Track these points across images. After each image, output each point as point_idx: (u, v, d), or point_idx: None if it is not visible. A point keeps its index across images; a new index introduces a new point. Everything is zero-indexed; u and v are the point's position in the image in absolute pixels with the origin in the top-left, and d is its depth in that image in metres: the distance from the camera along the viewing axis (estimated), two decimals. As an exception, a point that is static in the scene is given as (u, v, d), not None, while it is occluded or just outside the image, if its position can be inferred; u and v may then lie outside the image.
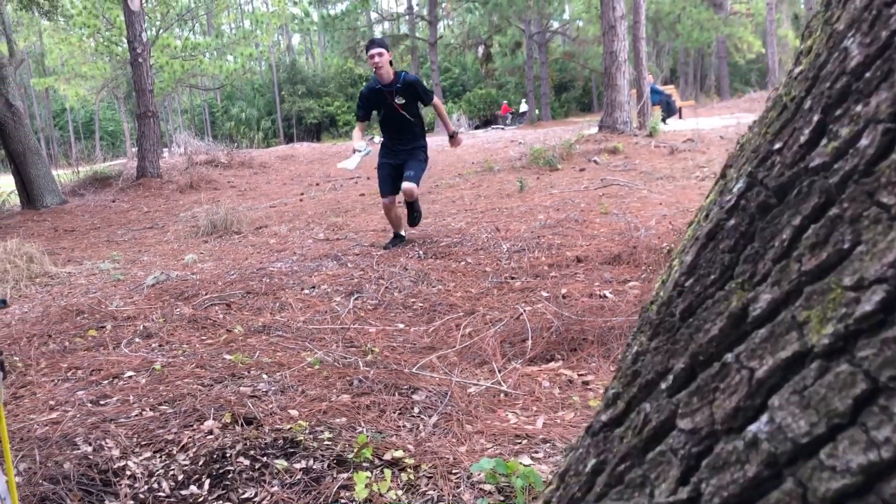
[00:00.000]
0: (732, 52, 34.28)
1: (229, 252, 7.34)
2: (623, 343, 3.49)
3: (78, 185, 15.71)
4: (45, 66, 39.85)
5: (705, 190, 7.71)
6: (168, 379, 3.40)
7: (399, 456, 2.39)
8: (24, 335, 4.55)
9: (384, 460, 2.38)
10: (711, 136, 12.61)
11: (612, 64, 13.14)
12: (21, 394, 3.45)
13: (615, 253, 5.15)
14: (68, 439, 2.62)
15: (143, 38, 14.26)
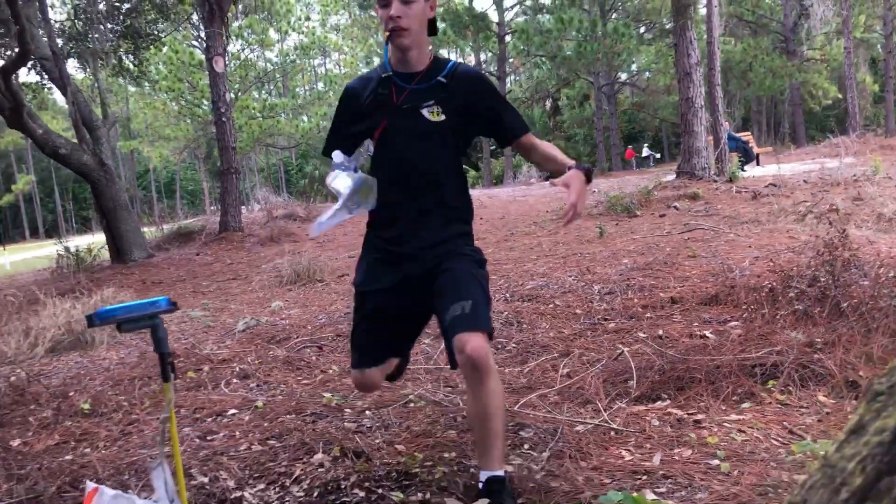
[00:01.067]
0: (807, 99, 33.66)
1: (314, 299, 7.41)
2: (733, 383, 3.37)
3: (163, 240, 16.24)
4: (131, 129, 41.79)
5: (795, 233, 7.51)
6: (270, 416, 3.41)
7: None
8: (126, 377, 4.65)
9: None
10: (794, 181, 12.30)
11: (689, 110, 13.02)
12: (129, 431, 3.51)
13: (712, 293, 5.01)
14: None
15: (227, 98, 14.81)
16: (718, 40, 13.96)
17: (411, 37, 2.39)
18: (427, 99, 2.44)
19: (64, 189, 55.91)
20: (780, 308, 4.15)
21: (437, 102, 2.43)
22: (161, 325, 1.17)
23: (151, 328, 1.17)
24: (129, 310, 1.14)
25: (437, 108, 2.43)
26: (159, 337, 1.19)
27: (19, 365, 5.49)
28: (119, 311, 1.13)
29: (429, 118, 2.42)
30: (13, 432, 3.77)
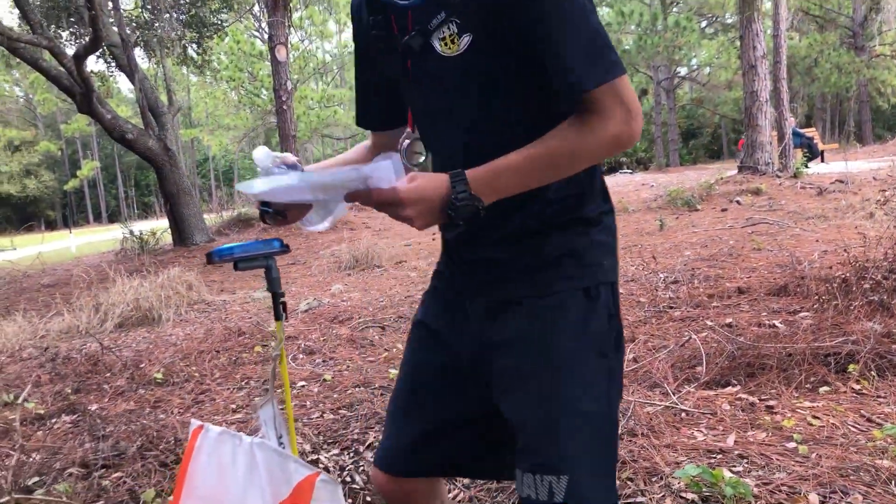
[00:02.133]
0: (875, 97, 32.67)
1: (373, 283, 7.49)
2: (805, 371, 3.31)
3: (222, 225, 16.54)
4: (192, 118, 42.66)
5: (864, 229, 7.31)
6: (339, 388, 3.47)
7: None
8: (194, 351, 4.77)
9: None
10: (862, 178, 11.97)
11: (753, 104, 12.75)
12: (202, 399, 3.61)
13: (780, 284, 4.91)
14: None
15: (288, 86, 15.00)
16: (785, 34, 13.64)
17: None
18: (433, 15, 1.23)
19: (126, 175, 57.44)
20: (853, 299, 4.05)
21: (448, 16, 1.22)
22: (274, 266, 1.20)
23: (266, 268, 1.20)
24: (246, 248, 1.17)
25: (450, 27, 1.22)
26: (273, 277, 1.22)
27: (92, 337, 5.67)
28: (237, 250, 1.17)
29: (441, 52, 1.25)
30: (90, 398, 3.91)
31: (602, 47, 1.15)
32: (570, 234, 1.28)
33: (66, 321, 6.46)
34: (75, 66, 11.69)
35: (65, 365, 4.69)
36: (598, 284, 1.28)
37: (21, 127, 53.28)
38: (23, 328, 6.34)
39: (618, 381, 1.31)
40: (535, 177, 1.19)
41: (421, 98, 1.36)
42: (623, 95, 1.15)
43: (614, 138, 1.16)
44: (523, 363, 1.27)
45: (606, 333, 1.28)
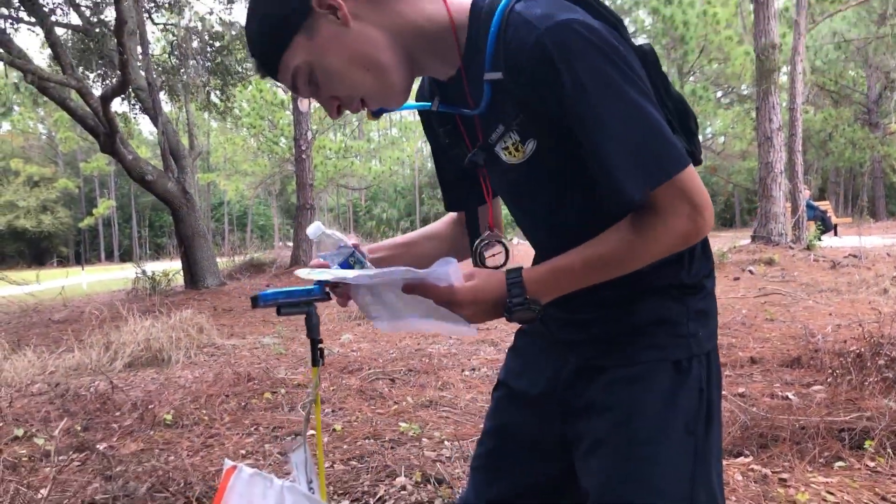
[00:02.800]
0: (889, 173, 32.83)
1: (383, 335, 7.48)
2: (819, 445, 3.28)
3: (234, 269, 16.64)
4: (210, 162, 43.22)
5: (878, 305, 7.29)
6: (349, 439, 3.46)
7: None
8: (204, 394, 4.77)
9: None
10: (876, 253, 11.97)
11: (768, 175, 12.85)
12: (211, 443, 3.60)
13: (794, 356, 4.90)
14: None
15: (308, 136, 15.26)
16: (801, 107, 13.81)
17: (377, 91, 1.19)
18: (492, 129, 1.21)
19: (141, 216, 57.97)
20: (868, 374, 4.04)
21: (507, 129, 1.19)
22: (314, 312, 1.23)
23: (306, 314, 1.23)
24: (290, 294, 1.20)
25: (511, 136, 1.19)
26: (313, 323, 1.25)
27: (101, 376, 5.67)
28: (280, 295, 1.20)
29: (508, 161, 1.22)
30: (98, 436, 3.90)
31: (655, 147, 1.06)
32: (666, 300, 1.22)
33: (77, 358, 6.47)
34: (101, 107, 11.93)
35: (74, 402, 4.69)
36: (690, 357, 1.21)
37: (42, 164, 54.07)
38: (33, 363, 6.35)
39: (706, 461, 1.21)
40: (594, 278, 1.15)
41: (500, 189, 1.37)
42: (687, 190, 1.07)
43: (679, 237, 1.10)
44: (603, 434, 1.22)
45: (696, 410, 1.21)
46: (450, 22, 1.15)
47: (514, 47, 1.08)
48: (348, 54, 1.12)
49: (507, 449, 1.42)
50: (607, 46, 1.05)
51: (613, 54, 1.05)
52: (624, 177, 1.06)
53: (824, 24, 25.57)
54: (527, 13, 1.08)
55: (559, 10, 1.06)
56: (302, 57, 1.12)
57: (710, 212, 1.11)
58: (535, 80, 1.08)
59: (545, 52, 1.04)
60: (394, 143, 32.75)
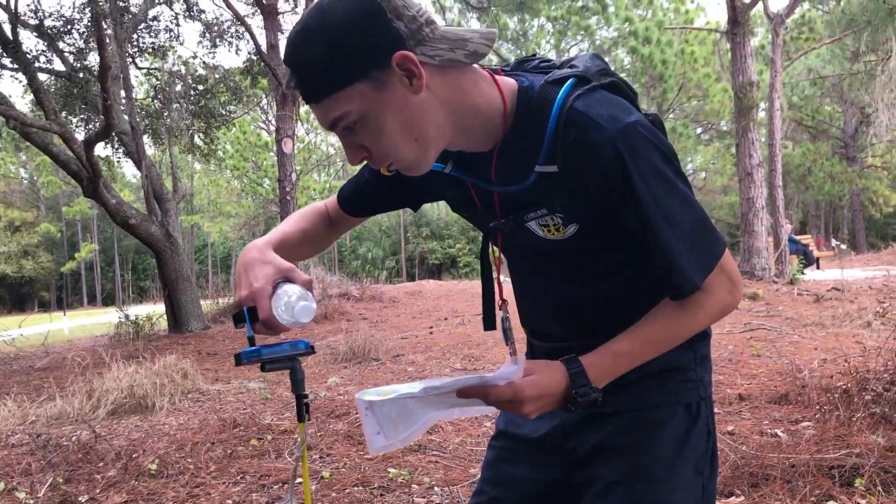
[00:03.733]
0: (867, 206, 33.28)
1: (370, 377, 7.44)
2: (810, 483, 3.27)
3: (218, 312, 16.51)
4: (193, 204, 43.15)
5: (862, 338, 7.34)
6: (337, 486, 3.42)
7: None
8: (189, 441, 4.70)
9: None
10: (858, 286, 12.07)
11: (749, 210, 12.99)
12: (196, 493, 3.54)
13: (781, 392, 4.90)
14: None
15: (293, 177, 15.27)
16: (780, 143, 14.02)
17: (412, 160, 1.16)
18: (529, 209, 1.25)
19: (124, 259, 57.60)
20: (855, 410, 4.05)
21: (550, 211, 1.23)
22: (299, 367, 1.22)
23: (290, 370, 1.22)
24: (273, 351, 1.19)
25: (553, 219, 1.23)
26: (297, 379, 1.23)
27: (84, 425, 5.59)
28: (264, 352, 1.18)
29: (544, 236, 1.27)
30: (80, 488, 3.83)
31: (704, 234, 1.16)
32: (678, 348, 1.26)
33: (58, 406, 6.37)
34: (85, 151, 11.92)
35: (56, 452, 4.60)
36: (699, 401, 1.30)
37: (23, 208, 53.80)
38: (13, 412, 6.24)
39: (711, 500, 1.29)
40: (649, 357, 1.21)
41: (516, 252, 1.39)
42: (726, 268, 1.18)
43: (721, 311, 1.20)
44: (619, 476, 1.26)
45: (703, 451, 1.29)
46: (503, 106, 1.18)
47: (579, 146, 1.12)
48: (406, 121, 1.10)
49: (507, 498, 1.43)
50: (663, 146, 1.14)
51: (668, 152, 1.15)
52: (686, 265, 1.14)
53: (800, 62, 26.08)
54: (593, 113, 1.11)
55: (622, 111, 1.12)
56: (358, 105, 1.07)
57: (741, 284, 1.22)
58: (604, 177, 1.12)
59: (618, 154, 1.09)
60: (378, 182, 32.90)
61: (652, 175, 1.11)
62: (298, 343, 1.23)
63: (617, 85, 1.21)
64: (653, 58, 22.55)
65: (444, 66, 1.10)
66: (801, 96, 29.77)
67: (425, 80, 1.07)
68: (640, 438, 1.27)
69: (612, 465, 1.27)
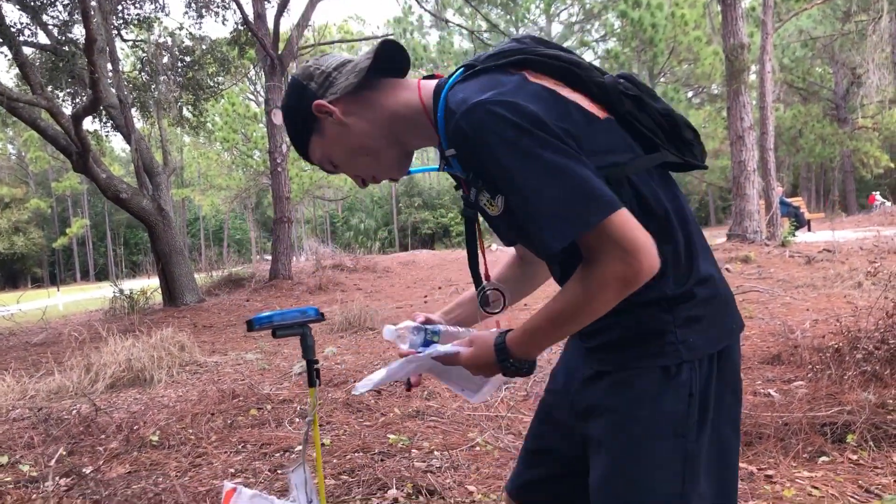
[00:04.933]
0: (858, 167, 33.32)
1: (366, 346, 7.48)
2: (802, 441, 3.33)
3: (213, 285, 16.51)
4: (184, 178, 42.94)
5: (853, 299, 7.40)
6: (338, 453, 3.46)
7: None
8: (189, 413, 4.74)
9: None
10: (849, 247, 12.15)
11: (741, 174, 13.01)
12: (199, 462, 3.58)
13: (774, 353, 4.96)
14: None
15: (284, 149, 15.20)
16: (771, 106, 14.00)
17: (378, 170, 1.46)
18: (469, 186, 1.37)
19: (116, 234, 57.42)
20: (847, 369, 4.11)
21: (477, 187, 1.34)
22: (309, 334, 1.24)
23: (301, 335, 1.23)
24: (284, 317, 1.21)
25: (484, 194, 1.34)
26: (308, 344, 1.26)
27: (83, 398, 5.62)
28: (275, 318, 1.20)
29: (491, 213, 1.37)
30: (84, 460, 3.87)
31: (572, 201, 1.16)
32: (654, 311, 1.28)
33: (57, 381, 6.40)
34: (73, 126, 11.82)
35: (57, 426, 4.64)
36: (680, 363, 1.27)
37: (12, 184, 53.42)
38: (12, 387, 6.27)
39: (696, 464, 1.28)
40: (566, 330, 1.27)
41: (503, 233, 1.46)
42: (615, 235, 1.16)
43: (617, 280, 1.17)
44: (602, 435, 1.33)
45: (684, 414, 1.27)
46: (422, 106, 1.36)
47: (451, 132, 1.26)
48: (348, 146, 1.39)
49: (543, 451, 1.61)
50: (520, 117, 1.18)
51: (526, 122, 1.18)
52: (544, 231, 1.18)
53: (790, 23, 25.94)
54: (452, 101, 1.26)
55: (476, 92, 1.23)
56: (318, 152, 1.43)
57: (645, 253, 1.17)
58: (467, 157, 1.26)
59: (464, 134, 1.21)
60: (369, 152, 32.73)
61: (502, 149, 1.17)
62: (308, 310, 1.25)
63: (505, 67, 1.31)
64: (643, 21, 22.41)
65: (352, 92, 1.36)
66: (791, 58, 29.67)
67: (340, 110, 1.36)
68: (621, 400, 1.30)
69: (599, 424, 1.33)
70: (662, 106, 1.35)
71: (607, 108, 1.30)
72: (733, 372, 1.33)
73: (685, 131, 1.36)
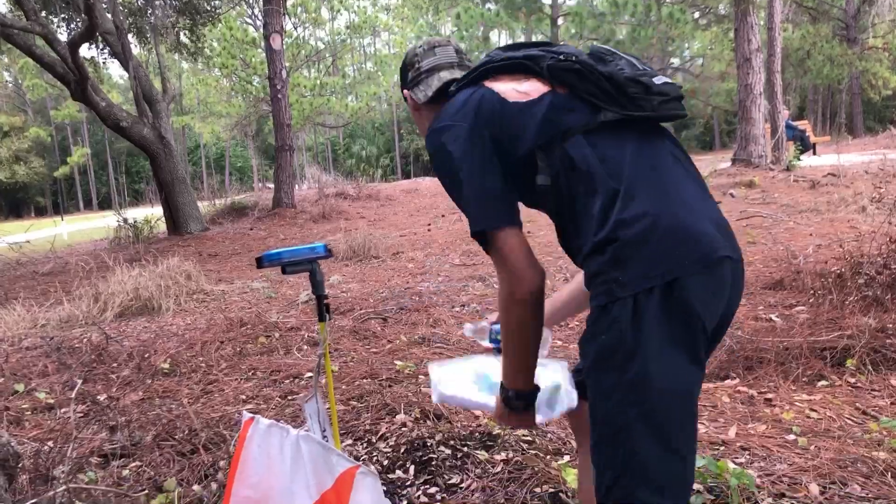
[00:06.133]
0: (866, 89, 32.81)
1: (371, 274, 7.54)
2: (803, 365, 3.39)
3: (216, 214, 16.55)
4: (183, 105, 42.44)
5: (857, 223, 7.41)
6: (346, 379, 3.53)
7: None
8: (198, 341, 4.82)
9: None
10: (854, 171, 12.08)
11: (747, 97, 12.84)
12: (210, 389, 3.66)
13: (776, 278, 5.01)
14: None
15: (283, 75, 14.99)
16: (780, 26, 13.71)
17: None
18: None
19: (117, 162, 57.12)
20: (848, 294, 4.14)
21: None
22: (318, 269, 1.26)
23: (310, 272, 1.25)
24: (293, 254, 1.23)
25: None
26: (317, 280, 1.28)
27: (93, 327, 5.71)
28: (285, 255, 1.22)
29: None
30: (97, 387, 3.96)
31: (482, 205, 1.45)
32: (594, 256, 1.40)
33: (66, 310, 6.48)
34: (70, 53, 11.65)
35: (69, 355, 4.73)
36: (614, 300, 1.36)
37: (10, 112, 52.92)
38: (22, 317, 6.36)
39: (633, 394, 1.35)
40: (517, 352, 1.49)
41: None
42: (503, 257, 1.41)
43: (505, 297, 1.43)
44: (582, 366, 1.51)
45: (613, 347, 1.36)
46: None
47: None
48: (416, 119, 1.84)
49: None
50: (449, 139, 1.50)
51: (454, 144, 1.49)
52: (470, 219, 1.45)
53: (801, -61, 25.17)
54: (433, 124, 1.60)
55: (441, 118, 1.56)
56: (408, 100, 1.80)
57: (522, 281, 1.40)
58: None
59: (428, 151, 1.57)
60: (370, 77, 32.24)
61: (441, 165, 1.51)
62: (317, 247, 1.27)
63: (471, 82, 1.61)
64: (650, -61, 21.73)
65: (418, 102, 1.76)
66: (802, -24, 28.89)
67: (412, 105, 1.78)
68: (582, 338, 1.44)
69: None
70: (607, 70, 1.49)
71: (560, 84, 1.52)
72: (685, 303, 1.35)
73: (630, 88, 1.47)
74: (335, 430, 1.52)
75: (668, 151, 1.51)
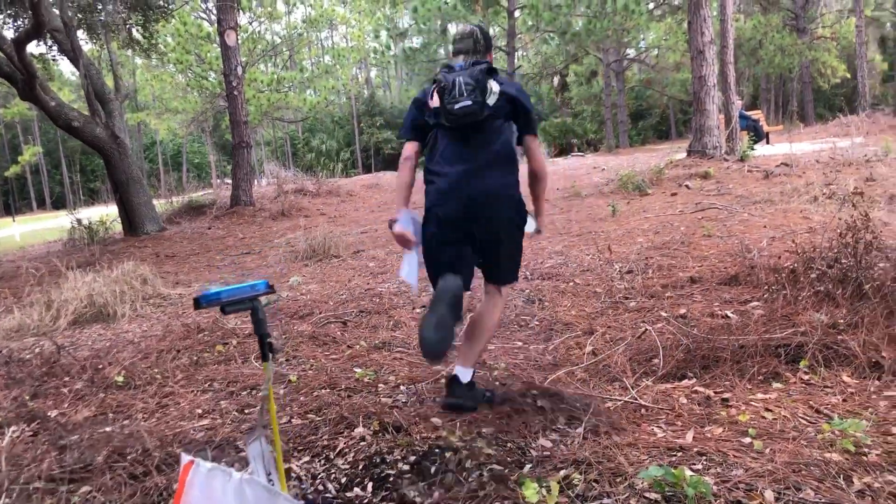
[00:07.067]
0: (816, 78, 33.44)
1: (331, 275, 7.48)
2: (758, 363, 3.43)
3: (173, 213, 16.27)
4: (138, 101, 41.65)
5: (809, 213, 7.54)
6: (304, 390, 3.49)
7: (562, 466, 2.40)
8: (154, 350, 4.73)
9: (548, 468, 2.39)
10: (806, 161, 12.29)
11: (701, 89, 12.97)
12: (166, 403, 3.59)
13: (731, 273, 5.06)
14: (230, 443, 2.71)
15: (239, 71, 14.78)
16: (732, 16, 13.87)
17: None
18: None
19: (71, 161, 55.84)
20: (801, 289, 4.21)
21: None
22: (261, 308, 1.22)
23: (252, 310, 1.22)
24: (233, 293, 1.19)
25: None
26: (259, 319, 1.24)
27: (46, 337, 5.57)
28: (224, 294, 1.18)
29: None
30: (48, 403, 3.86)
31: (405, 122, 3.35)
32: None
33: (17, 318, 6.32)
34: (15, 52, 11.35)
35: (19, 368, 4.60)
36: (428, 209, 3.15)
37: (-43, 111, 51.44)
38: (-30, 327, 6.18)
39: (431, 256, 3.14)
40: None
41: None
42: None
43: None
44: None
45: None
46: None
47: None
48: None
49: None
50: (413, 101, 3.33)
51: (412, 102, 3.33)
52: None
53: (752, -70, 25.49)
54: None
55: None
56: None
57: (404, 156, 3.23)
58: None
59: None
60: (328, 71, 31.90)
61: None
62: (258, 284, 1.23)
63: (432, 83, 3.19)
64: (604, -69, 21.84)
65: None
66: (753, -34, 29.29)
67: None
68: None
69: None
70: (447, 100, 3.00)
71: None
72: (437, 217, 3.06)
73: (445, 94, 2.99)
74: (281, 473, 1.48)
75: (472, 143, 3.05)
